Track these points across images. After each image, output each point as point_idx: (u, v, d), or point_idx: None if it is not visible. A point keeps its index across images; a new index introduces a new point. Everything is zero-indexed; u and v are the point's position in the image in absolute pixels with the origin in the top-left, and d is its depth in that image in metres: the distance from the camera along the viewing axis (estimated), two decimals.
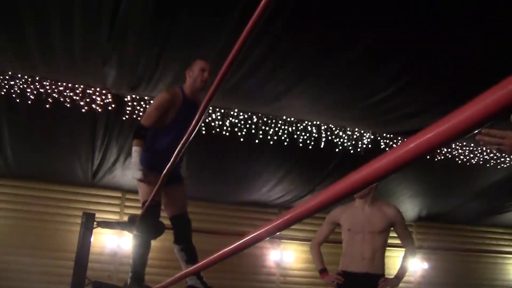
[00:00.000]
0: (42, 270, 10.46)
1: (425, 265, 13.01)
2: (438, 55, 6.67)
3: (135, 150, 4.53)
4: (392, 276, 4.92)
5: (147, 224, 4.64)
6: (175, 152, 3.18)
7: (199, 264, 2.39)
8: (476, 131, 0.80)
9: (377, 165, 0.99)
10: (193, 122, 2.76)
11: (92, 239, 5.17)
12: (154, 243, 4.93)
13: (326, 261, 5.21)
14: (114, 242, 10.93)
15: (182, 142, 3.01)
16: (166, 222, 5.00)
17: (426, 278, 12.98)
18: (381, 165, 0.98)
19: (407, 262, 5.06)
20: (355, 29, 6.23)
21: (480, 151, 10.46)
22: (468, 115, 0.79)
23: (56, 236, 10.76)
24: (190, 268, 3.74)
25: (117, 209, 11.37)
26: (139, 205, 10.97)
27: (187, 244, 4.86)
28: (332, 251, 11.14)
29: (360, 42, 6.42)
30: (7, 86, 7.80)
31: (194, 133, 2.83)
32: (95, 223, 5.16)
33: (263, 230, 1.51)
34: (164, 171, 3.55)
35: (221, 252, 1.99)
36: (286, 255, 12.04)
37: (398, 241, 5.19)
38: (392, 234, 5.13)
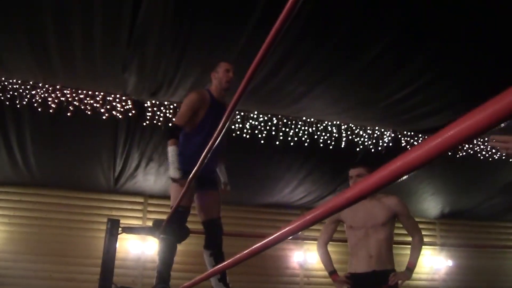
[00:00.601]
0: (68, 277, 10.55)
1: (449, 263, 12.93)
2: (458, 53, 6.64)
3: (172, 149, 4.57)
4: (403, 269, 4.69)
5: (173, 227, 4.66)
6: (203, 154, 3.18)
7: (222, 264, 2.39)
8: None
9: (398, 163, 1.00)
10: (220, 125, 2.75)
11: (117, 244, 5.20)
12: (179, 247, 4.94)
13: (335, 260, 5.11)
14: (138, 248, 10.98)
15: (209, 144, 3.02)
16: (191, 226, 5.01)
17: (451, 276, 12.89)
18: (402, 163, 0.99)
19: (417, 252, 4.77)
20: (375, 30, 6.21)
21: None
22: (490, 112, 0.79)
23: (81, 243, 10.83)
24: (213, 268, 3.75)
25: (140, 215, 11.43)
26: (162, 210, 11.09)
27: (217, 250, 4.88)
28: (340, 250, 11.07)
29: (380, 43, 6.41)
30: (29, 96, 7.88)
31: (221, 135, 2.83)
32: (119, 229, 5.17)
33: (285, 230, 1.52)
34: (192, 174, 3.55)
35: (243, 252, 1.99)
36: (310, 256, 12.02)
37: (409, 238, 4.94)
38: (402, 231, 4.98)
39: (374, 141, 9.67)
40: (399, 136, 9.75)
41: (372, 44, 6.48)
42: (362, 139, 9.62)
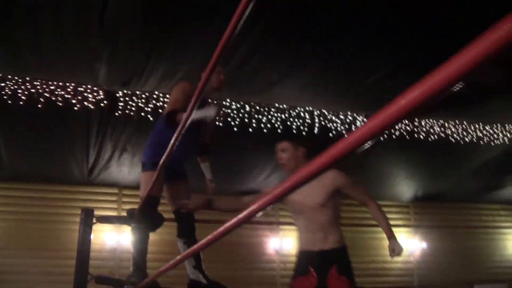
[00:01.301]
0: (45, 271, 10.49)
1: (424, 245, 13.10)
2: (429, 38, 6.71)
3: (179, 119, 4.27)
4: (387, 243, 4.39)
5: (145, 216, 4.68)
6: (170, 144, 3.17)
7: (193, 247, 2.40)
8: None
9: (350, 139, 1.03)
10: (191, 102, 2.73)
11: (92, 236, 5.18)
12: (153, 236, 4.95)
13: None
14: (113, 239, 10.96)
15: (175, 134, 3.01)
16: (165, 215, 5.03)
17: (425, 258, 13.07)
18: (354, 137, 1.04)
19: (383, 218, 4.49)
20: (344, 18, 6.25)
21: (473, 129, 10.53)
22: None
23: (56, 235, 10.78)
24: (186, 252, 3.73)
25: (115, 206, 11.40)
26: (137, 200, 11.02)
27: (190, 238, 4.91)
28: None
29: (350, 30, 6.46)
30: None
31: (187, 124, 2.82)
32: (94, 219, 5.15)
33: (250, 210, 1.54)
34: (161, 162, 3.55)
35: (215, 233, 2.00)
36: (286, 242, 12.09)
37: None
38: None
39: (346, 126, 9.74)
40: None
41: (342, 31, 6.52)
42: (335, 124, 9.68)
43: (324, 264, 4.31)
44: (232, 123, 9.09)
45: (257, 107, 9.16)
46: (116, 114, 8.48)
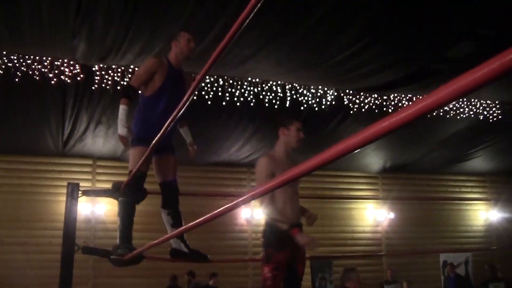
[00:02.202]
0: (20, 241, 10.61)
1: (391, 215, 13.44)
2: (399, 14, 6.90)
3: (123, 108, 4.71)
4: None
5: (132, 190, 4.84)
6: (166, 123, 3.29)
7: (183, 227, 2.57)
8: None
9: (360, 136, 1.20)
10: (187, 95, 2.83)
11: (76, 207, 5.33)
12: (139, 207, 5.11)
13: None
14: (88, 209, 11.08)
15: (173, 114, 3.10)
16: (149, 187, 5.18)
17: (393, 227, 13.43)
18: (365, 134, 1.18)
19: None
20: None
21: None
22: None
23: (32, 207, 10.89)
24: (175, 231, 3.97)
25: (89, 177, 11.51)
26: (111, 171, 11.19)
27: (174, 209, 5.09)
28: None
29: (321, 7, 6.60)
30: None
31: (186, 105, 2.92)
32: (80, 192, 5.30)
33: (241, 200, 1.70)
34: (153, 142, 3.69)
35: (204, 217, 2.16)
36: (257, 212, 12.27)
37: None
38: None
39: (317, 100, 9.92)
40: (342, 94, 10.03)
41: (314, 8, 6.67)
42: (306, 98, 9.87)
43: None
44: (206, 96, 9.22)
45: (230, 81, 9.29)
46: (92, 87, 8.56)
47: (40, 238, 10.53)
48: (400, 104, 10.54)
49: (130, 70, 8.43)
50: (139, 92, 4.95)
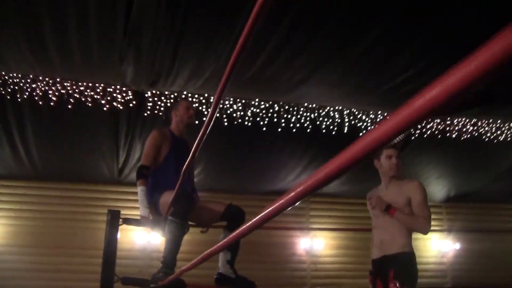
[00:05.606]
0: (74, 269, 10.61)
1: (457, 246, 12.91)
2: (459, 33, 6.60)
3: (141, 189, 4.97)
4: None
5: (181, 205, 4.71)
6: (179, 181, 3.70)
7: (228, 238, 2.33)
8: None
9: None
10: (208, 116, 2.75)
11: (119, 235, 5.20)
12: (185, 236, 4.95)
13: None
14: (143, 238, 11.01)
15: (183, 169, 3.22)
16: None
17: (459, 259, 12.87)
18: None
19: (410, 218, 4.57)
20: (369, 16, 6.18)
21: (507, 127, 10.33)
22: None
23: (86, 234, 10.88)
24: (218, 245, 3.72)
25: None
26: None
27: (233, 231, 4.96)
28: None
29: (376, 28, 6.38)
30: (29, 89, 7.88)
31: (202, 141, 2.89)
32: (120, 220, 5.18)
33: (278, 203, 1.49)
34: (170, 201, 4.16)
35: (248, 224, 1.92)
36: (316, 242, 12.02)
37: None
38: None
39: (377, 125, 9.62)
40: None
41: (368, 29, 6.45)
42: (364, 123, 9.59)
43: (385, 269, 4.52)
44: (261, 122, 9.05)
45: (286, 107, 9.10)
46: (145, 114, 8.51)
47: (94, 266, 10.44)
48: (464, 129, 10.14)
49: (183, 96, 8.34)
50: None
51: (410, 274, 4.50)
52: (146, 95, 8.36)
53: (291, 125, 9.26)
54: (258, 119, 9.04)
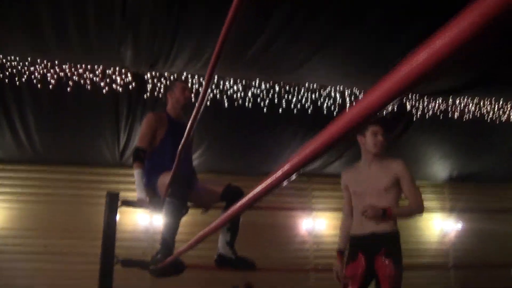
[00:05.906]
0: (78, 252, 10.62)
1: (459, 226, 12.91)
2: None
3: (137, 172, 4.86)
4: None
5: (180, 187, 4.67)
6: (175, 162, 3.60)
7: (226, 214, 2.27)
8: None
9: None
10: (200, 96, 2.68)
11: (118, 217, 5.20)
12: (184, 218, 4.93)
13: None
14: (146, 220, 11.03)
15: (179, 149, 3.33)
16: None
17: (460, 239, 12.88)
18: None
19: (405, 210, 4.59)
20: None
21: (509, 107, 10.26)
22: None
23: (88, 217, 10.88)
24: (213, 224, 3.69)
25: None
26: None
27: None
28: None
29: (378, 8, 6.33)
30: (27, 72, 7.83)
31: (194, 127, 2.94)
32: (119, 202, 5.16)
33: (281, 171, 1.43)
34: (168, 182, 4.08)
35: (249, 196, 1.83)
36: (318, 223, 12.03)
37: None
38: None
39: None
40: (404, 100, 9.65)
41: (371, 8, 6.39)
42: None
43: (373, 246, 4.47)
44: (261, 104, 9.01)
45: (287, 87, 9.04)
46: (145, 96, 8.47)
47: (99, 248, 10.46)
48: (466, 110, 10.08)
49: (183, 77, 8.29)
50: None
51: (400, 253, 4.48)
52: (146, 77, 8.31)
53: (292, 106, 9.21)
54: (258, 100, 8.99)
